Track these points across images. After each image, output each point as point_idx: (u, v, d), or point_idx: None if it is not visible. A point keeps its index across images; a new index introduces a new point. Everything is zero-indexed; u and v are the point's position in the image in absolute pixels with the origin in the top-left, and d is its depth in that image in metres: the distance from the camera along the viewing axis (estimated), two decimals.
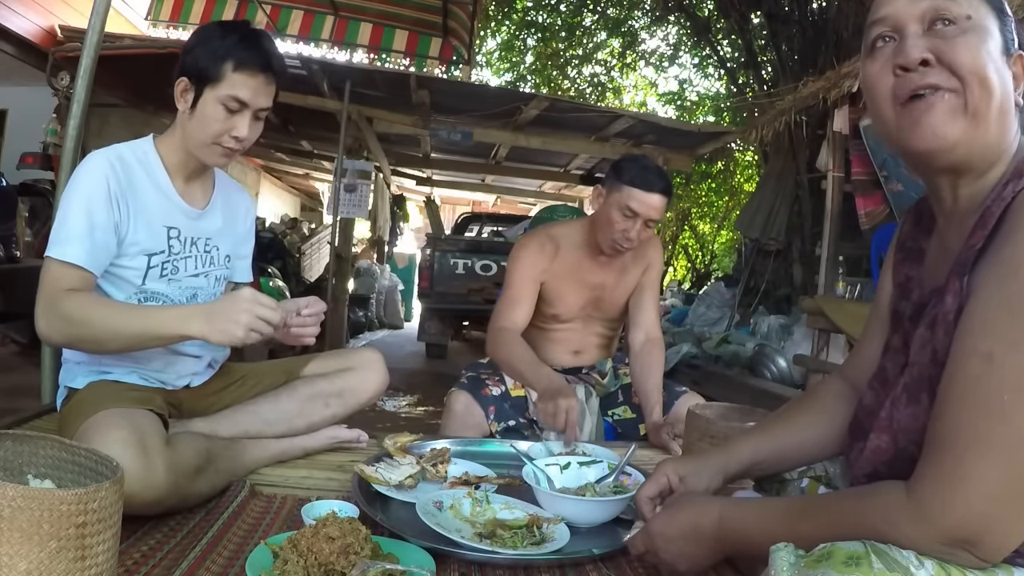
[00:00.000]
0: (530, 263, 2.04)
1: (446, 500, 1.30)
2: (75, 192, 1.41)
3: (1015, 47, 0.85)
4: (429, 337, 7.25)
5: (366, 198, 6.33)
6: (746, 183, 12.00)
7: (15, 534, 0.75)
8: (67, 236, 1.37)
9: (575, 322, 2.13)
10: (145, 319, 1.32)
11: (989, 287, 0.75)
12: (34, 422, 1.69)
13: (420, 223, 14.71)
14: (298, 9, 7.33)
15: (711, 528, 0.93)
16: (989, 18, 0.85)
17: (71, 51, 4.19)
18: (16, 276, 4.09)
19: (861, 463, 0.89)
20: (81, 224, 1.38)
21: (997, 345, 0.71)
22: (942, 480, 0.71)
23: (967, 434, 0.71)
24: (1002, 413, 0.69)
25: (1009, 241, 0.75)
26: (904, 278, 0.99)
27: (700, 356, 5.91)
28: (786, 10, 7.07)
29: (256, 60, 1.43)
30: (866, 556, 0.70)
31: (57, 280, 1.35)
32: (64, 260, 1.36)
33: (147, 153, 1.53)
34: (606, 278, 2.08)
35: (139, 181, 1.49)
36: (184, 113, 1.48)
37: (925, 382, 0.83)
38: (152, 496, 1.19)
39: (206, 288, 1.61)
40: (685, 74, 13.75)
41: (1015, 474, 0.69)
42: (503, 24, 12.25)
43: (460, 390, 1.98)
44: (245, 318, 1.26)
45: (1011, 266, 0.73)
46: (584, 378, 2.14)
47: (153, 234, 1.50)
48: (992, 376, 0.71)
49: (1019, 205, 0.76)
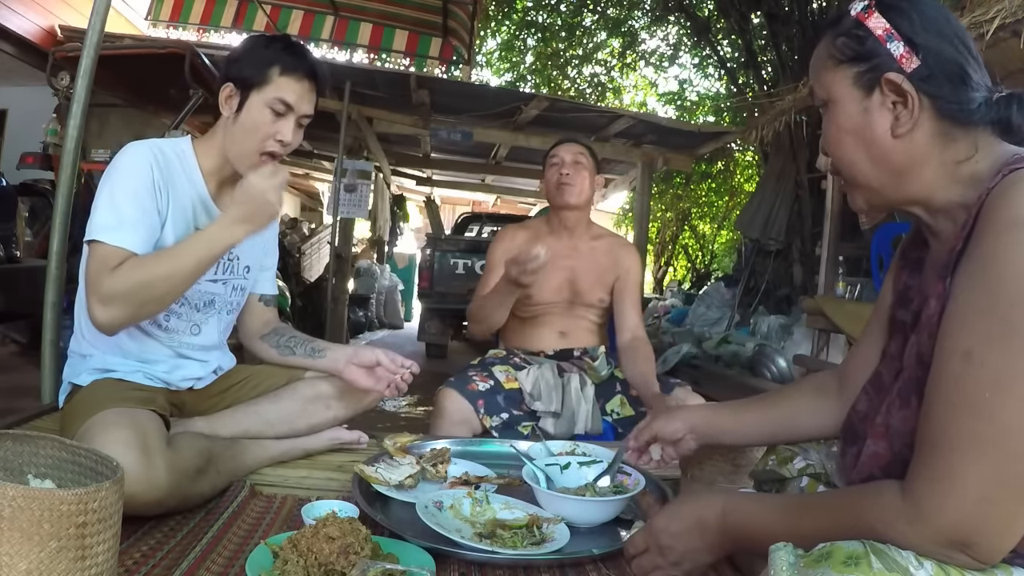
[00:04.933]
0: (503, 248, 2.26)
1: (446, 500, 1.30)
2: (122, 178, 1.41)
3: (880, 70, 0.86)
4: (429, 337, 7.24)
5: (366, 198, 6.33)
6: (746, 183, 12.00)
7: (15, 534, 0.75)
8: (119, 221, 1.36)
9: (556, 305, 2.22)
10: (195, 252, 1.36)
11: (964, 287, 0.75)
12: (34, 422, 1.69)
13: (420, 223, 14.71)
14: (298, 9, 7.34)
15: (715, 521, 0.93)
16: (839, 79, 0.89)
17: (71, 51, 4.18)
18: (16, 276, 4.09)
19: (859, 468, 0.90)
20: (132, 209, 1.38)
21: (975, 344, 0.72)
22: (934, 482, 0.71)
23: (954, 435, 0.71)
24: (985, 412, 0.70)
25: (980, 241, 0.75)
26: (904, 286, 0.99)
27: (700, 356, 5.91)
28: (786, 10, 7.07)
29: (302, 66, 1.49)
30: (865, 556, 0.70)
31: (107, 265, 1.33)
32: (117, 245, 1.34)
33: (185, 152, 1.53)
34: (575, 260, 2.25)
35: (177, 178, 1.50)
36: (228, 119, 1.50)
37: (913, 384, 0.83)
38: (153, 496, 1.19)
39: (223, 295, 1.61)
40: (685, 74, 13.78)
41: (1005, 473, 0.69)
42: (503, 24, 12.25)
43: (446, 388, 2.00)
44: (272, 195, 1.36)
45: (983, 264, 0.74)
46: (576, 363, 2.17)
47: (184, 232, 1.50)
48: (972, 375, 0.71)
49: (987, 206, 0.77)
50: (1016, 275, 0.71)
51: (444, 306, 6.90)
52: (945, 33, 0.86)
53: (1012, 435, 0.68)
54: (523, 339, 2.24)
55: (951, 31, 0.86)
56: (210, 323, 1.60)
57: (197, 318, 1.58)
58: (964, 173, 0.83)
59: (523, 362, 2.16)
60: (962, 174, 0.84)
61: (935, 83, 0.84)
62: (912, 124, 0.85)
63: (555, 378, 2.06)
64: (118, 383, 1.44)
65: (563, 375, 2.09)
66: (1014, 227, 0.72)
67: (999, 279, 0.71)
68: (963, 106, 0.84)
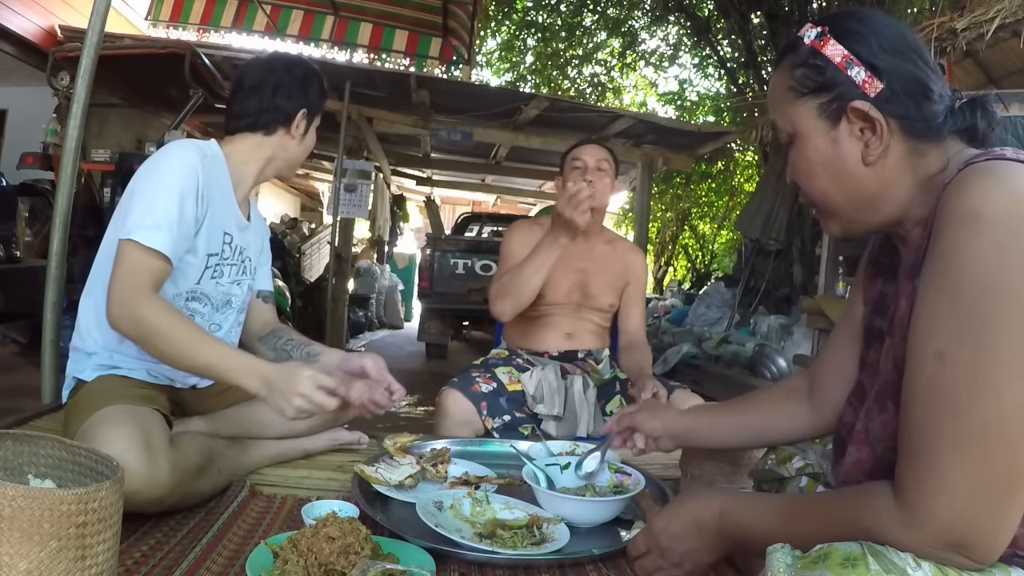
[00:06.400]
0: (520, 239, 2.22)
1: (446, 500, 1.30)
2: (166, 178, 1.40)
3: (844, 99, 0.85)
4: (429, 337, 7.24)
5: (366, 198, 6.33)
6: (746, 183, 12.00)
7: (15, 534, 0.75)
8: (156, 223, 1.35)
9: (566, 307, 2.21)
10: (214, 357, 1.32)
11: (929, 286, 0.75)
12: (35, 422, 1.69)
13: (420, 223, 14.70)
14: (298, 9, 7.34)
15: (713, 522, 0.93)
16: (802, 112, 0.89)
17: (71, 51, 4.17)
18: (16, 276, 4.09)
19: (844, 476, 0.90)
20: (172, 212, 1.37)
21: (945, 344, 0.71)
22: (922, 485, 0.71)
23: (935, 437, 0.71)
24: (963, 410, 0.69)
25: (939, 238, 0.75)
26: (879, 294, 0.99)
27: (700, 356, 5.91)
28: (786, 10, 7.08)
29: None
30: (863, 557, 0.70)
31: (140, 267, 1.33)
32: (152, 247, 1.34)
33: (218, 156, 1.55)
34: (589, 263, 2.22)
35: (215, 183, 1.51)
36: (295, 139, 1.62)
37: (890, 389, 0.83)
38: (155, 494, 1.20)
39: (239, 296, 1.65)
40: (685, 74, 13.78)
41: (990, 470, 0.68)
42: (503, 24, 12.24)
43: (449, 388, 1.99)
44: (298, 402, 1.29)
45: (945, 262, 0.73)
46: (580, 364, 2.17)
47: (216, 236, 1.53)
48: (946, 375, 0.71)
49: (943, 202, 0.76)
50: (977, 269, 0.70)
51: (444, 306, 6.90)
52: (902, 50, 0.85)
53: (991, 431, 0.68)
54: (528, 339, 2.23)
55: (906, 46, 0.85)
56: (227, 321, 1.63)
57: (217, 318, 1.61)
58: (937, 184, 0.82)
59: (526, 363, 2.16)
60: (935, 185, 0.83)
61: (900, 104, 0.83)
62: (883, 149, 0.84)
63: (558, 380, 2.06)
64: (122, 379, 1.44)
65: (566, 377, 2.09)
66: (971, 220, 0.72)
67: (960, 274, 0.71)
68: (930, 122, 0.84)
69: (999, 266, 0.69)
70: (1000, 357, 0.68)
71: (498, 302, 2.07)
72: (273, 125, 1.57)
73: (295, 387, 1.29)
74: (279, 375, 1.32)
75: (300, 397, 1.29)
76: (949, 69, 4.25)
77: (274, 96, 1.56)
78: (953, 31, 3.75)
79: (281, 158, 1.62)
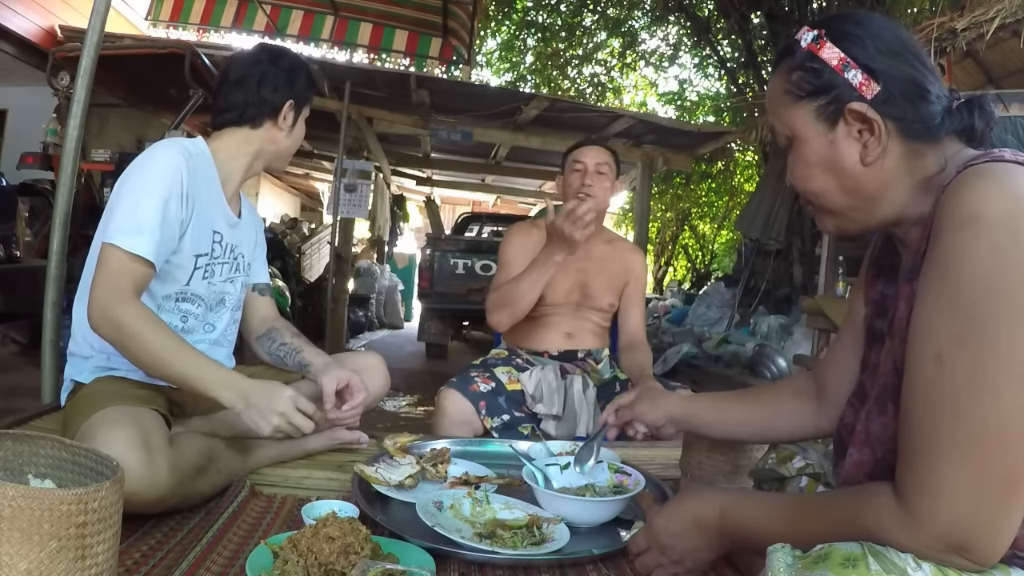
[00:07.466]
0: (520, 242, 2.23)
1: (446, 500, 1.30)
2: (149, 181, 1.39)
3: (842, 101, 0.85)
4: (429, 337, 7.24)
5: (366, 198, 6.33)
6: (746, 183, 12.01)
7: (15, 534, 0.75)
8: (138, 227, 1.34)
9: (566, 307, 2.21)
10: (191, 367, 1.32)
11: (928, 288, 0.75)
12: (34, 422, 1.69)
13: (420, 223, 14.71)
14: (298, 9, 7.34)
15: (713, 519, 0.93)
16: (800, 115, 0.89)
17: (71, 51, 4.18)
18: (16, 276, 4.09)
19: (845, 477, 0.90)
20: (155, 216, 1.36)
21: (944, 346, 0.71)
22: (923, 488, 0.71)
23: (935, 440, 0.71)
24: (963, 413, 0.69)
25: (938, 240, 0.75)
26: (880, 295, 0.99)
27: (700, 356, 5.92)
28: (786, 10, 7.08)
29: None
30: (863, 558, 0.70)
31: (121, 272, 1.33)
32: (134, 252, 1.33)
33: (204, 155, 1.54)
34: (588, 264, 2.22)
35: (202, 182, 1.50)
36: (283, 131, 1.59)
37: (889, 391, 0.83)
38: (155, 495, 1.19)
39: (234, 294, 1.65)
40: (685, 74, 13.81)
41: (990, 471, 0.69)
42: (503, 24, 12.25)
43: (448, 388, 1.99)
44: (276, 420, 1.31)
45: (944, 265, 0.73)
46: (580, 364, 2.17)
47: (204, 236, 1.52)
48: (946, 378, 0.71)
49: (942, 203, 0.76)
50: (976, 272, 0.70)
51: (444, 306, 6.91)
52: (899, 52, 0.85)
53: (991, 433, 0.68)
54: (528, 339, 2.23)
55: (903, 48, 0.86)
56: (221, 320, 1.63)
57: (211, 317, 1.61)
58: (935, 185, 0.82)
59: (526, 363, 2.16)
60: (934, 186, 0.83)
61: (897, 105, 0.84)
62: (881, 151, 0.84)
63: (557, 380, 2.06)
64: (120, 381, 1.44)
65: (565, 377, 2.09)
66: (969, 223, 0.72)
67: (959, 277, 0.71)
68: (927, 123, 0.84)
69: (998, 268, 0.70)
70: (999, 359, 0.68)
71: (495, 313, 2.10)
72: (260, 118, 1.55)
73: (274, 406, 1.30)
74: (258, 392, 1.32)
75: (279, 416, 1.31)
76: (949, 69, 4.25)
77: (259, 89, 1.54)
78: (953, 31, 3.75)
79: (270, 151, 1.60)
